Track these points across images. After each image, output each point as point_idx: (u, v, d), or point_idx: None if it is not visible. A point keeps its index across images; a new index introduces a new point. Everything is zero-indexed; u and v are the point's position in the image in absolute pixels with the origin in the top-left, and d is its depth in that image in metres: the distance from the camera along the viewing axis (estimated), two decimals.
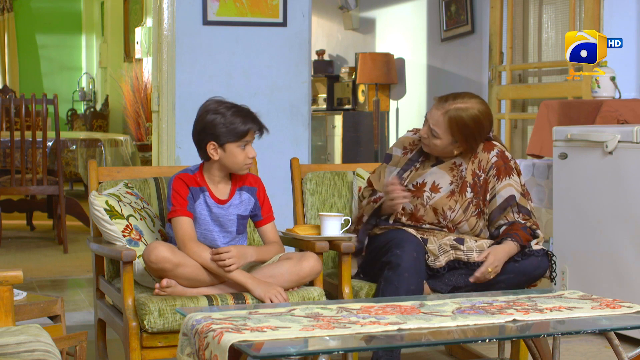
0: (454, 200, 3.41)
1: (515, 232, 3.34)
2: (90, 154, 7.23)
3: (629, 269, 4.03)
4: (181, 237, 3.17)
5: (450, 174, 3.45)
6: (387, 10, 8.91)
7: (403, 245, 3.26)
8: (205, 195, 3.24)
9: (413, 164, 3.51)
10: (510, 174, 3.43)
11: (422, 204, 3.42)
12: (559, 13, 6.44)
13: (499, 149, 3.47)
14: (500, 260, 3.28)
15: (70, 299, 4.96)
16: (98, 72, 13.55)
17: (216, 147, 3.17)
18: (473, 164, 3.45)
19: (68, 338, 3.14)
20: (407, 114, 8.57)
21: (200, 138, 3.20)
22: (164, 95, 5.02)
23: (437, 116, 3.38)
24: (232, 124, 3.15)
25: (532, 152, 5.08)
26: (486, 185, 3.43)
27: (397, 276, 3.22)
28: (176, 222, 3.20)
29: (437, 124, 3.38)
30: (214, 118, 3.15)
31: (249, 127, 3.17)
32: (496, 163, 3.43)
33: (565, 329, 2.62)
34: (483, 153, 3.46)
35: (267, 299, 3.08)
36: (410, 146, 3.54)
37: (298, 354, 2.27)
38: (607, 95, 4.98)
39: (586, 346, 4.06)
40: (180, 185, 3.21)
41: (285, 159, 4.05)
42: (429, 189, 3.43)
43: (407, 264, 3.22)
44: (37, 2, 13.73)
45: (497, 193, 3.41)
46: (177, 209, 3.20)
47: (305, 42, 5.17)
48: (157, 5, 5.04)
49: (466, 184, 3.43)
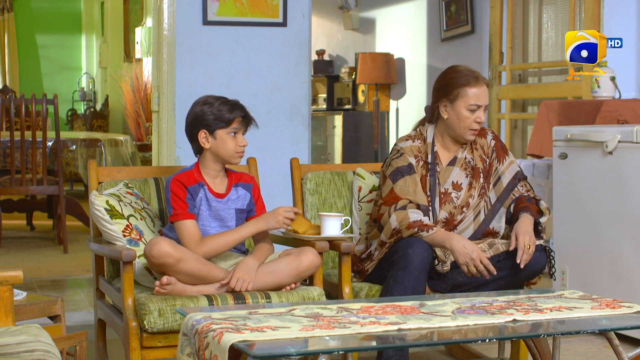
0: (473, 188, 3.48)
1: (525, 206, 3.43)
2: (90, 154, 7.23)
3: (629, 269, 4.03)
4: (187, 240, 3.21)
5: (461, 168, 3.50)
6: (387, 10, 8.91)
7: (413, 244, 3.26)
8: (205, 189, 3.29)
9: (435, 169, 3.49)
10: (507, 152, 3.58)
11: (454, 206, 3.45)
12: (559, 13, 6.44)
13: (491, 131, 3.61)
14: (530, 233, 3.33)
15: (70, 299, 4.96)
16: (98, 72, 13.55)
17: (207, 135, 3.28)
18: (477, 150, 3.53)
19: (68, 338, 3.14)
20: (407, 114, 8.57)
21: (192, 129, 3.32)
22: (164, 95, 5.02)
23: (486, 90, 3.48)
24: (219, 111, 3.28)
25: (532, 152, 5.08)
26: (491, 168, 3.53)
27: (407, 275, 3.21)
28: (180, 226, 3.23)
29: (487, 97, 3.48)
30: (203, 108, 3.30)
31: (236, 114, 3.28)
32: (495, 145, 3.55)
33: (565, 329, 2.62)
34: (480, 139, 3.55)
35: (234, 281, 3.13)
36: (419, 153, 3.51)
37: (298, 354, 2.27)
38: (607, 95, 4.98)
39: (586, 346, 4.06)
40: (177, 187, 3.25)
41: (285, 159, 4.05)
42: (452, 189, 3.46)
43: (417, 264, 3.22)
44: (37, 2, 13.73)
45: (502, 174, 3.52)
46: (178, 213, 3.23)
47: (305, 42, 5.17)
48: (157, 5, 5.04)
49: (478, 170, 3.51)
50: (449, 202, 3.44)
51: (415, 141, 3.53)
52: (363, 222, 3.76)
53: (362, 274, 3.46)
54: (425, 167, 3.47)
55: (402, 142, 3.55)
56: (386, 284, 3.28)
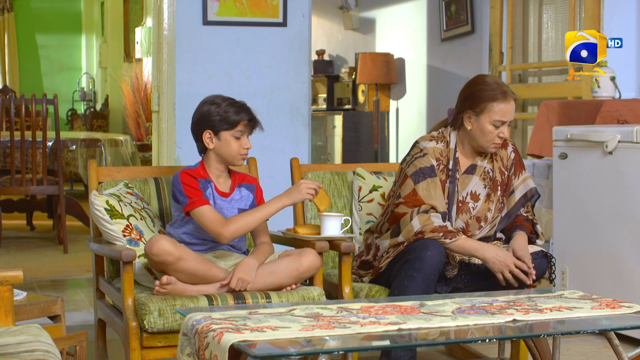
0: (491, 201, 3.44)
1: (521, 224, 3.43)
2: (90, 154, 7.23)
3: (629, 269, 4.03)
4: (211, 224, 3.20)
5: (480, 178, 3.45)
6: (387, 10, 8.91)
7: (429, 247, 3.24)
8: (211, 186, 3.31)
9: (455, 175, 3.43)
10: (523, 167, 3.54)
11: (470, 216, 3.42)
12: (559, 13, 6.44)
13: (512, 143, 3.54)
14: (527, 250, 3.33)
15: (70, 299, 4.96)
16: (98, 72, 13.55)
17: (212, 135, 3.29)
18: (497, 162, 3.48)
19: (68, 338, 3.14)
20: (407, 114, 8.57)
21: (197, 128, 3.32)
22: (164, 95, 5.02)
23: (513, 106, 3.39)
24: (225, 113, 3.28)
25: (532, 152, 5.08)
26: (509, 182, 3.50)
27: (422, 277, 3.20)
28: (199, 213, 3.21)
29: (513, 113, 3.41)
30: (210, 108, 3.30)
31: (242, 117, 3.28)
32: (514, 158, 3.52)
33: (565, 329, 2.62)
34: (501, 150, 3.49)
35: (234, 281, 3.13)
36: (441, 157, 3.43)
37: (298, 354, 2.27)
38: (607, 95, 4.98)
39: (586, 346, 4.06)
40: (188, 178, 3.26)
41: (285, 159, 4.05)
42: (470, 199, 3.43)
43: (433, 267, 3.22)
44: (37, 2, 13.73)
45: (516, 189, 3.50)
46: (195, 200, 3.22)
47: (305, 42, 5.16)
48: (157, 5, 5.04)
49: (497, 183, 3.46)
50: (465, 211, 3.40)
51: (438, 143, 3.45)
52: (363, 222, 3.76)
53: (375, 272, 3.43)
54: (446, 173, 3.42)
55: (425, 142, 3.45)
56: (399, 283, 3.25)
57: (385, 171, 3.89)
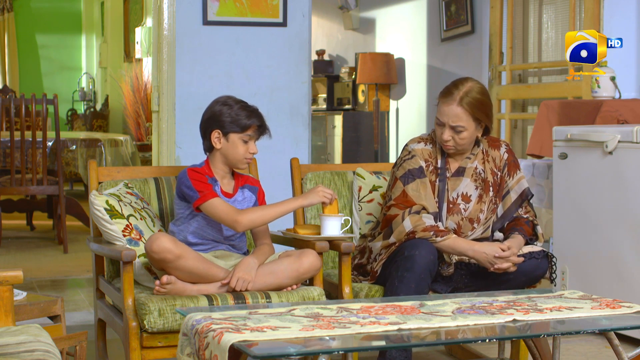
0: (483, 202, 3.43)
1: (521, 227, 3.41)
2: (90, 154, 7.23)
3: (629, 269, 4.03)
4: (225, 215, 3.21)
5: (471, 179, 3.44)
6: (387, 10, 8.91)
7: (419, 246, 3.25)
8: (218, 185, 3.32)
9: (445, 174, 3.44)
10: (518, 167, 3.51)
11: (462, 217, 3.41)
12: (559, 13, 6.44)
13: (505, 144, 3.53)
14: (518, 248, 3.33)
15: (70, 299, 4.96)
16: (98, 72, 13.55)
17: (220, 135, 3.29)
18: (489, 162, 3.47)
19: (68, 338, 3.14)
20: (407, 114, 8.57)
21: (207, 126, 3.32)
22: (164, 95, 5.02)
23: (454, 110, 3.33)
24: (237, 116, 3.29)
25: (532, 152, 5.08)
26: (502, 182, 3.48)
27: (413, 276, 3.20)
28: (211, 205, 3.22)
29: (458, 117, 3.33)
30: (222, 108, 3.30)
31: (253, 122, 3.29)
32: (507, 159, 3.49)
33: (565, 329, 2.62)
34: (493, 150, 3.49)
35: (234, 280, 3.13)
36: (429, 158, 3.44)
37: (298, 354, 2.27)
38: (607, 95, 4.98)
39: (586, 346, 4.06)
40: (197, 174, 3.27)
41: (285, 159, 4.05)
42: (461, 200, 3.42)
43: (423, 266, 3.21)
44: (37, 2, 13.73)
45: (511, 189, 3.47)
46: (205, 193, 3.23)
47: (305, 42, 5.16)
48: (157, 5, 5.04)
49: (488, 184, 3.45)
50: (456, 212, 3.40)
51: (427, 144, 3.47)
52: (363, 222, 3.76)
53: (373, 275, 3.43)
54: (435, 173, 3.42)
55: (413, 144, 3.48)
56: (390, 284, 3.26)
57: (385, 171, 3.89)
